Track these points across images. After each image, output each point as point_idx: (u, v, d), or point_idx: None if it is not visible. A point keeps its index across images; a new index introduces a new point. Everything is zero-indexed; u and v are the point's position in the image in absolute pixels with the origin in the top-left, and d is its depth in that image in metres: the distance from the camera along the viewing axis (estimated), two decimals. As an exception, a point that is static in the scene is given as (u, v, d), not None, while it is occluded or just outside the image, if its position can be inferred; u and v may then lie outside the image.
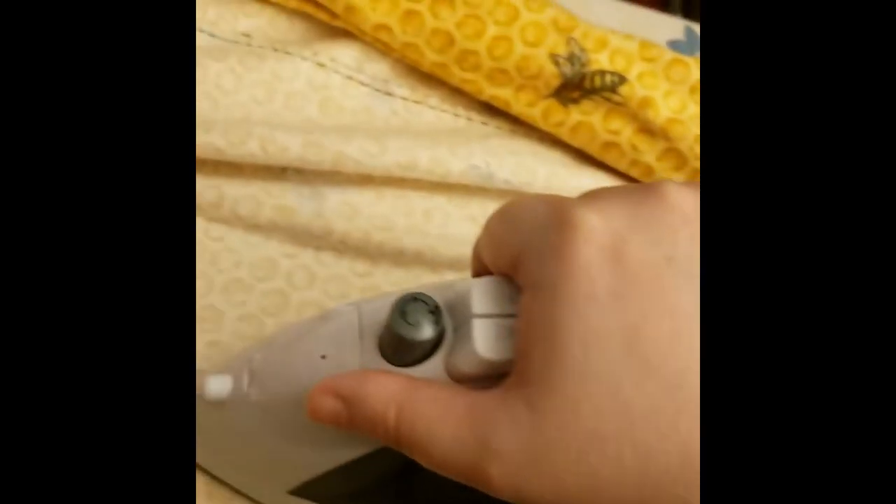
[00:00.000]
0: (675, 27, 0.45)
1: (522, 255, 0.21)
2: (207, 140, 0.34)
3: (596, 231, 0.19)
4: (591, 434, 0.18)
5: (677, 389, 0.18)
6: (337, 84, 0.39)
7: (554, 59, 0.37)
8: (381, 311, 0.24)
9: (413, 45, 0.38)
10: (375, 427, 0.22)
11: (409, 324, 0.22)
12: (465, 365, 0.22)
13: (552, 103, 0.38)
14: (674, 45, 0.43)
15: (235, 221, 0.36)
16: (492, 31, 0.37)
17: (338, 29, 0.40)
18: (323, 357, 0.24)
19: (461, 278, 0.25)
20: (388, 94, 0.40)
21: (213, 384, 0.26)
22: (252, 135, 0.35)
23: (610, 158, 0.38)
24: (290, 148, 0.35)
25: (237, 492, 0.31)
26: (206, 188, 0.35)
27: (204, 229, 0.36)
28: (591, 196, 0.21)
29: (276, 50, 0.39)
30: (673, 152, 0.37)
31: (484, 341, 0.21)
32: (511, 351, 0.21)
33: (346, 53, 0.40)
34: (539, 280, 0.20)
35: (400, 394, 0.22)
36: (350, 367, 0.24)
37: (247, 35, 0.40)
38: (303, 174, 0.37)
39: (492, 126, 0.40)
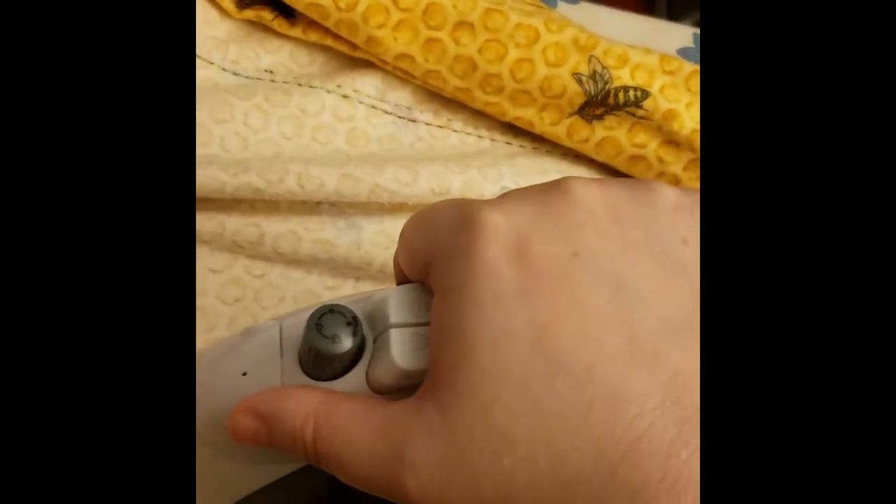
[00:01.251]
0: (683, 35, 0.45)
1: (433, 258, 0.20)
2: (245, 180, 0.34)
3: (500, 230, 0.19)
4: (502, 436, 0.18)
5: (586, 386, 0.18)
6: (362, 114, 0.40)
7: (577, 77, 0.38)
8: (301, 325, 0.23)
9: (435, 72, 0.39)
10: (294, 444, 0.21)
11: (326, 337, 0.21)
12: (385, 376, 0.22)
13: (576, 121, 0.39)
14: (683, 52, 0.44)
15: (276, 258, 0.36)
16: (513, 54, 0.38)
17: (358, 59, 0.40)
18: (244, 374, 0.24)
19: (381, 288, 0.24)
20: (412, 120, 0.41)
21: None
22: (289, 172, 0.35)
23: (637, 171, 0.39)
24: (327, 183, 0.35)
25: None
26: (246, 226, 0.36)
27: (246, 267, 0.36)
28: (500, 197, 0.21)
29: (300, 84, 0.39)
30: (699, 162, 0.38)
31: (401, 351, 0.21)
32: (427, 360, 0.21)
33: (368, 83, 0.40)
34: (447, 283, 0.20)
35: (317, 408, 0.21)
36: (271, 384, 0.23)
37: (269, 71, 0.40)
38: (337, 206, 0.37)
39: (515, 145, 0.41)
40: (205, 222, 0.35)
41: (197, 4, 0.39)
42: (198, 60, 0.39)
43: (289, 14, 0.40)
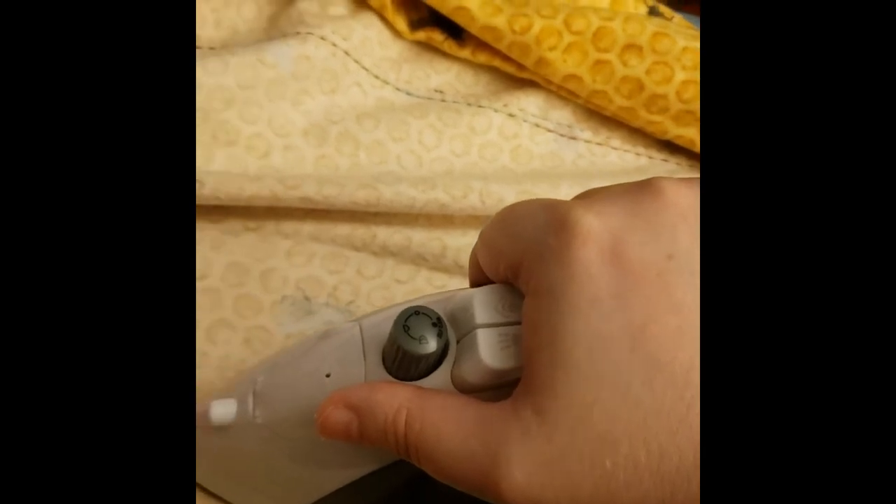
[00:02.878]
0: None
1: (523, 261, 0.20)
2: (433, 196, 0.36)
3: (594, 233, 0.19)
4: (603, 438, 0.18)
5: (686, 386, 0.18)
6: (526, 132, 0.42)
7: (743, 99, 0.39)
8: (382, 325, 0.23)
9: (601, 92, 0.40)
10: (386, 436, 0.21)
11: (413, 338, 0.22)
12: (471, 375, 0.22)
13: (738, 140, 0.40)
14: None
15: (456, 270, 0.38)
16: (680, 76, 0.39)
17: (522, 80, 0.42)
18: (327, 376, 0.24)
19: (460, 288, 0.25)
20: (573, 138, 0.42)
21: (217, 409, 0.26)
22: (472, 189, 0.37)
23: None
24: (506, 198, 0.37)
25: None
26: (430, 240, 0.38)
27: (427, 278, 0.38)
28: (588, 196, 0.21)
29: (469, 104, 0.41)
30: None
31: (489, 351, 0.21)
32: (516, 359, 0.21)
33: (531, 102, 0.42)
34: (540, 286, 0.20)
35: (409, 401, 0.21)
36: (355, 384, 0.23)
37: (439, 91, 0.42)
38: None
39: (672, 163, 0.43)
40: (392, 236, 0.37)
41: (372, 26, 0.41)
42: (375, 80, 0.41)
43: (457, 35, 0.42)
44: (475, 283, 0.24)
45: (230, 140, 0.36)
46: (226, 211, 0.35)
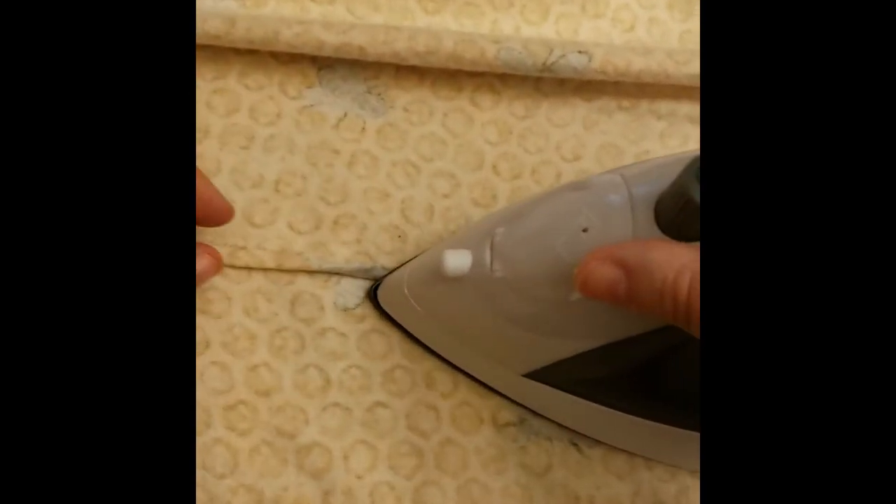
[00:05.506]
0: None
1: None
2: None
3: None
4: None
5: None
6: None
7: None
8: (653, 178, 0.20)
9: None
10: (662, 298, 0.19)
11: None
12: None
13: None
14: None
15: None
16: None
17: None
18: (584, 230, 0.21)
19: None
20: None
21: (451, 259, 0.24)
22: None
23: None
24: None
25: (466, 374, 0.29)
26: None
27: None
28: None
29: None
30: None
31: None
32: None
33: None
34: None
35: (695, 262, 0.19)
36: (619, 241, 0.21)
37: None
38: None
39: None
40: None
41: None
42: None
43: None
44: None
45: (598, 13, 0.34)
46: (599, 88, 0.33)
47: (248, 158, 0.31)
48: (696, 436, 0.25)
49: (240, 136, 0.31)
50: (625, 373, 0.25)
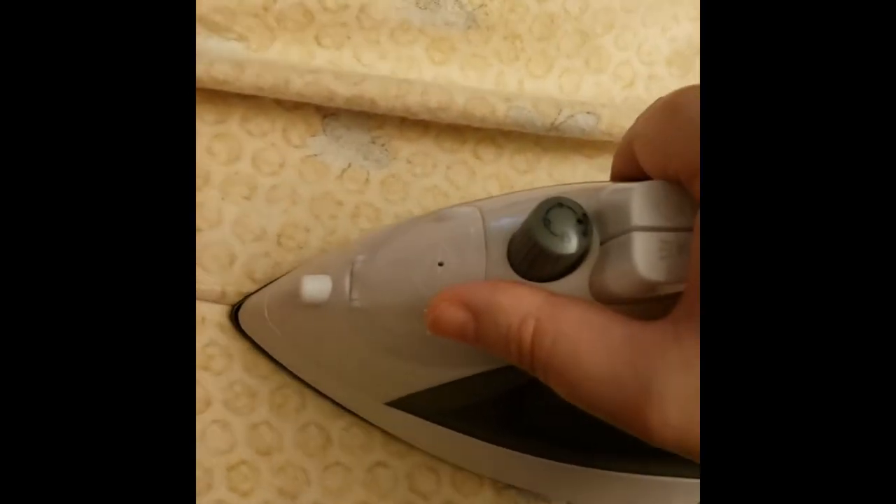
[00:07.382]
0: None
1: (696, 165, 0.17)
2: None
3: None
4: None
5: None
6: None
7: None
8: (508, 214, 0.20)
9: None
10: (508, 344, 0.19)
11: (554, 234, 0.19)
12: (617, 284, 0.19)
13: None
14: None
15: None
16: None
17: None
18: (440, 264, 0.21)
19: (608, 182, 0.21)
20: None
21: (310, 284, 0.23)
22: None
23: None
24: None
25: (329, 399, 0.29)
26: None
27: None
28: None
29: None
30: None
31: (645, 259, 0.18)
32: (677, 272, 0.18)
33: None
34: None
35: (539, 309, 0.18)
36: (472, 278, 0.20)
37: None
38: None
39: None
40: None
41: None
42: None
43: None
44: (620, 177, 0.20)
45: (600, 67, 0.34)
46: (601, 146, 0.33)
47: (251, 210, 0.30)
48: (559, 466, 0.25)
49: (242, 185, 0.30)
50: (485, 404, 0.24)
